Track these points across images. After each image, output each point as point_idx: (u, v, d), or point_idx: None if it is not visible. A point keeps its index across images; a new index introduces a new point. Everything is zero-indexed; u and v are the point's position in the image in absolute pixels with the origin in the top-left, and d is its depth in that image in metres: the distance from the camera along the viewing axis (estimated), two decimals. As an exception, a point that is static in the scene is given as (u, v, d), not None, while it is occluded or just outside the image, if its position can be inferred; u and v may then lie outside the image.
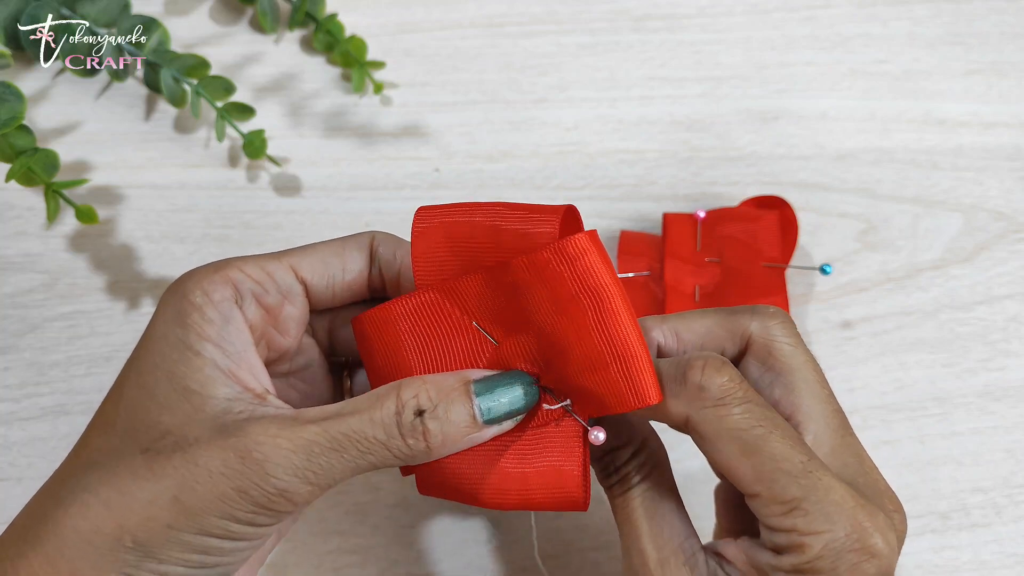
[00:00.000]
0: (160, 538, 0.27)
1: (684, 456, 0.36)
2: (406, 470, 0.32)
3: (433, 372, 0.31)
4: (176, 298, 0.30)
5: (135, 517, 0.27)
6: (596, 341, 0.28)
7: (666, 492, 0.31)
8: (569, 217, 0.30)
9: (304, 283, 0.32)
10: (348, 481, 0.43)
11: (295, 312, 0.32)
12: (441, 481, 0.31)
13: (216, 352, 0.29)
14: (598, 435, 0.29)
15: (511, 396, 0.29)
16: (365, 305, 0.34)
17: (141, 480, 0.27)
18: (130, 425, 0.29)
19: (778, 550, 0.28)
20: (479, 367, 0.31)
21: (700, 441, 0.29)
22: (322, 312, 0.34)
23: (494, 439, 0.30)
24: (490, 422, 0.29)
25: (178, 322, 0.29)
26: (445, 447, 0.29)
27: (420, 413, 0.28)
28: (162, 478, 0.27)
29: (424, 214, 0.30)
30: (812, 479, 0.28)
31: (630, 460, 0.31)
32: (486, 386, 0.29)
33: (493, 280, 0.30)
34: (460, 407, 0.28)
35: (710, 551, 0.31)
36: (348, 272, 0.32)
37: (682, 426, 0.30)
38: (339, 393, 0.36)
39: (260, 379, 0.30)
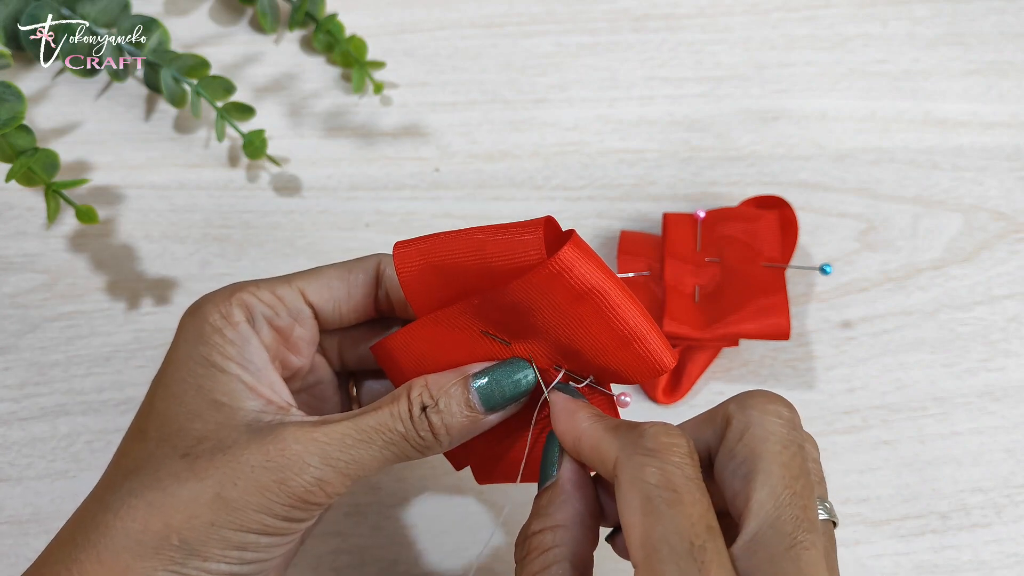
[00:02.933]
0: (204, 536, 0.28)
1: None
2: (458, 464, 0.35)
3: None
4: (196, 321, 0.32)
5: (180, 516, 0.28)
6: (608, 333, 0.29)
7: None
8: (548, 226, 0.30)
9: (312, 306, 0.34)
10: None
11: (306, 333, 0.34)
12: (492, 469, 0.34)
13: (239, 370, 0.31)
14: (625, 398, 0.31)
15: (508, 383, 0.31)
16: (373, 324, 0.36)
17: (183, 481, 0.29)
18: (163, 433, 0.30)
19: None
20: None
21: (616, 491, 0.27)
22: (331, 332, 0.36)
23: (537, 424, 0.32)
24: (492, 409, 0.31)
25: (201, 342, 0.31)
26: (453, 436, 0.31)
27: (424, 409, 0.30)
28: (204, 478, 0.29)
29: (404, 254, 0.31)
30: (692, 567, 0.24)
31: (537, 535, 0.29)
32: (483, 377, 0.31)
33: (490, 302, 0.31)
34: (457, 400, 0.31)
35: None
36: (352, 297, 0.34)
37: (611, 473, 0.27)
38: (348, 406, 0.38)
39: (281, 394, 0.32)
